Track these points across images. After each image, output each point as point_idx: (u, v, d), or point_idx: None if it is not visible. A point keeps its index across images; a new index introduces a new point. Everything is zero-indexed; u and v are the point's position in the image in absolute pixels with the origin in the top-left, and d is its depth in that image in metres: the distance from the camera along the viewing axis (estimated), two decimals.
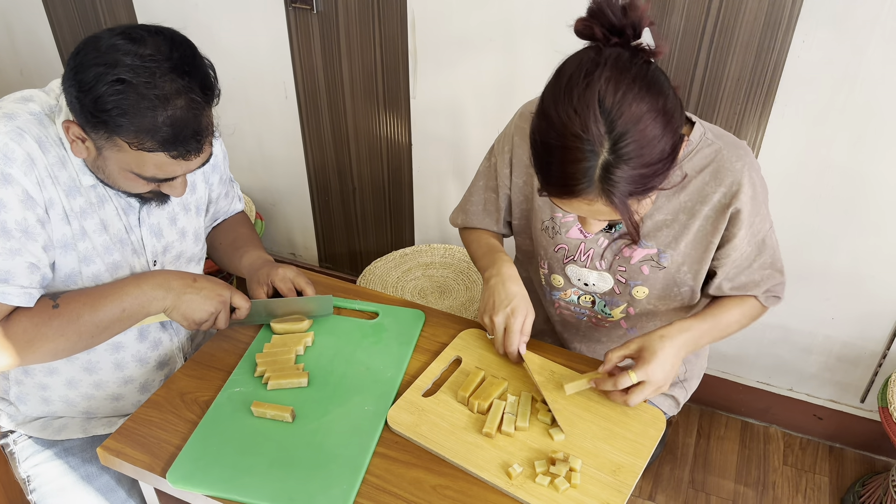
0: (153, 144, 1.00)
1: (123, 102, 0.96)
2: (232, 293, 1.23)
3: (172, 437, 1.11)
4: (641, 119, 0.89)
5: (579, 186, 0.92)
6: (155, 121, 0.98)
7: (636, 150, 0.90)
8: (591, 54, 0.92)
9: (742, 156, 1.11)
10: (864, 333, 1.84)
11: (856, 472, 1.99)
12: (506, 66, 1.82)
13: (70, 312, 1.11)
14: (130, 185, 1.08)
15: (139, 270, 1.23)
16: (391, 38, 1.91)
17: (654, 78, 0.92)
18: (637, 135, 0.89)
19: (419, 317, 1.32)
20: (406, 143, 2.09)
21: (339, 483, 1.02)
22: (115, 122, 0.98)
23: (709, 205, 1.13)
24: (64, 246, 1.12)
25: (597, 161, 0.90)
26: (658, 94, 0.91)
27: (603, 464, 1.05)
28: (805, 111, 1.59)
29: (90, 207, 1.13)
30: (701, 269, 1.20)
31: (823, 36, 1.49)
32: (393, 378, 1.19)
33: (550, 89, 0.95)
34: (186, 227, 1.29)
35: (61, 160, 1.09)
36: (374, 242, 2.39)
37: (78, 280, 1.15)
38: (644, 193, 0.95)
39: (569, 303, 1.33)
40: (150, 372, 1.31)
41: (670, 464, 2.01)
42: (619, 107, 0.89)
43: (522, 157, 1.25)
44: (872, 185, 1.61)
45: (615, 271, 1.23)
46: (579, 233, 1.23)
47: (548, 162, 0.94)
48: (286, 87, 2.15)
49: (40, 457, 1.28)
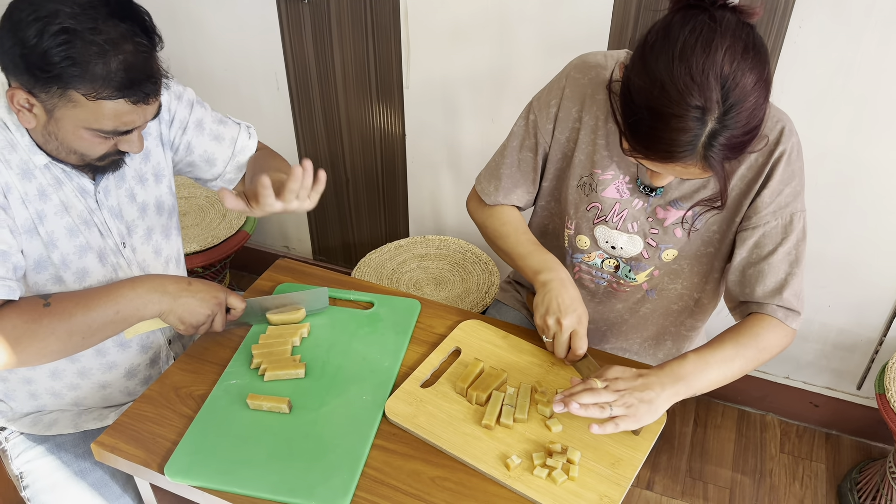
0: (110, 92, 0.97)
1: (72, 51, 0.94)
2: (227, 295, 1.21)
3: (167, 432, 1.09)
4: (752, 90, 0.91)
5: (682, 152, 0.94)
6: (108, 67, 0.96)
7: (743, 119, 0.92)
8: (706, 20, 0.92)
9: (783, 118, 1.11)
10: (860, 320, 1.84)
11: (852, 459, 1.99)
12: (500, 55, 1.81)
13: (62, 311, 1.08)
14: (87, 145, 1.05)
15: (108, 253, 1.20)
16: (383, 27, 1.89)
17: (761, 45, 0.94)
18: (745, 104, 0.91)
19: (415, 306, 1.31)
20: (399, 134, 2.08)
21: (339, 473, 1.01)
22: (67, 73, 0.95)
23: (745, 164, 1.12)
24: (27, 231, 1.09)
25: (704, 129, 0.92)
26: (765, 63, 0.93)
27: (602, 456, 1.04)
28: (801, 97, 1.58)
29: (47, 189, 1.10)
30: (729, 231, 1.18)
31: (820, 21, 1.48)
32: (390, 368, 1.19)
33: (660, 53, 0.93)
34: (147, 200, 1.25)
35: (10, 143, 1.06)
36: (368, 234, 2.38)
37: (48, 266, 1.13)
38: (739, 155, 0.97)
39: (591, 266, 1.31)
40: (134, 356, 1.29)
41: (667, 453, 2.01)
42: (733, 77, 0.90)
43: (571, 111, 1.22)
44: (868, 172, 1.61)
45: (647, 234, 1.22)
46: (616, 192, 1.22)
47: (653, 127, 0.94)
48: (277, 79, 2.13)
49: (32, 453, 1.27)
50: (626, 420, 1.01)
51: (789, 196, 1.12)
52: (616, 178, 1.21)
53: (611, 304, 1.35)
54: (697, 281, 1.27)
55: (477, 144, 1.99)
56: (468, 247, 2.05)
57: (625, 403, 1.02)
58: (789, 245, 1.14)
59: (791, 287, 1.14)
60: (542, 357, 1.21)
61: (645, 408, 1.03)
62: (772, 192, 1.12)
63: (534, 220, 1.39)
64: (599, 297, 1.36)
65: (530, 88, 1.75)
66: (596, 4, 1.64)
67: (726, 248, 1.21)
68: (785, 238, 1.14)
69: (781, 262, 1.14)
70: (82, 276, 1.18)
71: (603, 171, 1.21)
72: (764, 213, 1.13)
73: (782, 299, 1.14)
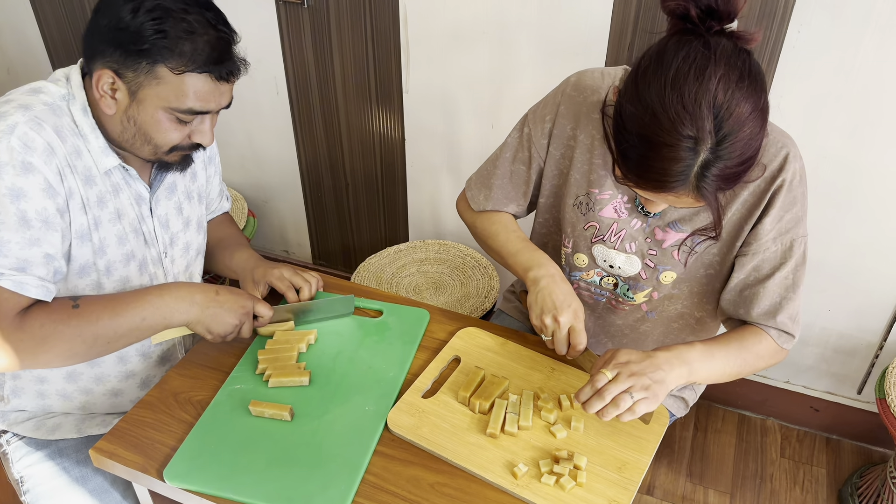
0: (196, 65, 1.04)
1: (164, 25, 1.02)
2: (255, 303, 1.22)
3: (166, 438, 1.09)
4: (747, 120, 0.89)
5: (674, 182, 0.92)
6: (195, 44, 1.04)
7: (737, 150, 0.90)
8: (700, 47, 0.89)
9: (787, 144, 1.09)
10: (860, 325, 1.84)
11: (853, 463, 1.99)
12: (499, 60, 1.81)
13: (90, 314, 1.09)
14: (163, 131, 1.09)
15: (149, 263, 1.22)
16: (383, 31, 1.89)
17: (758, 73, 0.91)
18: (740, 135, 0.89)
19: (423, 316, 1.31)
20: (399, 138, 2.08)
21: (337, 483, 1.01)
22: (158, 46, 1.02)
23: (748, 189, 1.11)
24: (81, 237, 1.11)
25: (697, 159, 0.90)
26: (761, 92, 0.91)
27: (608, 461, 1.04)
28: (800, 102, 1.58)
29: (105, 195, 1.13)
30: (729, 255, 1.17)
31: (819, 25, 1.48)
32: (395, 378, 1.18)
33: (652, 80, 0.91)
34: (191, 216, 1.30)
35: (77, 150, 1.09)
36: (367, 239, 2.38)
37: (91, 272, 1.14)
38: (732, 187, 0.95)
39: (589, 283, 1.30)
40: (152, 367, 1.31)
41: (668, 457, 2.01)
42: (727, 107, 0.88)
43: (566, 128, 1.21)
44: (868, 176, 1.61)
45: (645, 255, 1.21)
46: (613, 212, 1.21)
47: (645, 156, 0.92)
48: (277, 83, 2.13)
49: (33, 457, 1.26)
50: (646, 402, 1.00)
51: (790, 222, 1.11)
52: (614, 197, 1.20)
53: (610, 320, 1.35)
54: (698, 301, 1.26)
55: (476, 149, 1.99)
56: (468, 251, 2.05)
57: (642, 386, 1.00)
58: (787, 270, 1.13)
59: (786, 311, 1.14)
60: (543, 363, 1.21)
61: (658, 388, 1.02)
62: (773, 218, 1.10)
63: (534, 237, 1.39)
64: (599, 312, 1.35)
65: (529, 93, 1.75)
66: (595, 10, 1.64)
67: (727, 270, 1.20)
68: (784, 263, 1.13)
69: (778, 286, 1.14)
70: (122, 284, 1.19)
71: (600, 191, 1.20)
72: (764, 240, 1.12)
73: (776, 322, 1.15)
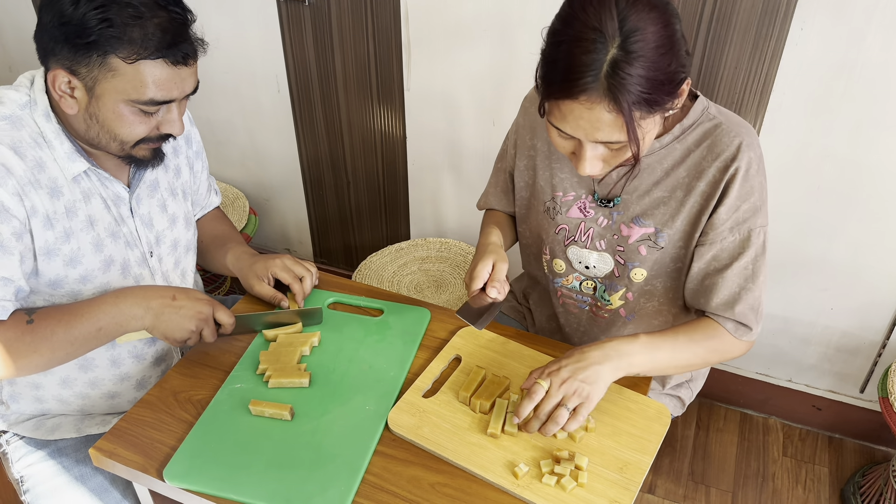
0: (148, 51, 0.99)
1: (108, 13, 0.96)
2: (214, 308, 1.18)
3: (166, 437, 1.09)
4: (652, 24, 0.92)
5: (585, 79, 0.92)
6: (145, 29, 0.98)
7: (644, 50, 0.91)
8: None
9: (742, 133, 1.09)
10: (863, 323, 1.83)
11: (856, 462, 1.99)
12: (501, 57, 1.80)
13: (44, 329, 1.08)
14: (127, 125, 1.05)
15: (133, 265, 1.20)
16: (384, 29, 1.89)
17: (667, 3, 0.96)
18: (647, 35, 0.91)
19: (424, 315, 1.30)
20: (401, 136, 2.07)
21: (336, 484, 1.00)
22: (105, 35, 0.97)
23: (704, 180, 1.12)
24: (47, 253, 1.09)
25: (605, 55, 0.91)
26: (669, 15, 0.94)
27: (609, 461, 1.04)
28: (803, 100, 1.57)
29: (75, 204, 1.11)
30: (690, 245, 1.17)
31: (822, 23, 1.47)
32: (395, 378, 1.17)
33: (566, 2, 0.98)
34: (177, 213, 1.28)
35: (39, 162, 1.06)
36: (369, 237, 2.38)
37: (65, 284, 1.13)
38: (648, 107, 0.95)
39: (571, 290, 1.32)
40: (147, 368, 1.30)
41: (669, 456, 2.01)
42: (632, 8, 0.92)
43: (525, 137, 1.28)
44: (871, 174, 1.60)
45: (614, 251, 1.22)
46: (579, 211, 1.23)
47: (555, 59, 0.96)
48: (278, 81, 2.12)
49: (33, 457, 1.26)
50: (584, 406, 1.03)
51: (747, 212, 1.11)
52: (578, 198, 1.23)
53: (593, 335, 1.37)
54: (672, 296, 1.27)
55: (478, 147, 1.98)
56: (469, 249, 2.04)
57: (574, 392, 1.03)
58: (746, 260, 1.13)
59: (744, 301, 1.14)
60: (543, 362, 1.20)
61: (592, 388, 1.03)
62: (728, 208, 1.11)
63: (521, 249, 1.43)
64: (584, 325, 1.37)
65: None
66: None
67: (690, 261, 1.20)
68: (742, 253, 1.13)
69: (737, 276, 1.14)
70: (103, 290, 1.18)
71: (564, 194, 1.24)
72: (721, 230, 1.12)
73: (734, 313, 1.15)
